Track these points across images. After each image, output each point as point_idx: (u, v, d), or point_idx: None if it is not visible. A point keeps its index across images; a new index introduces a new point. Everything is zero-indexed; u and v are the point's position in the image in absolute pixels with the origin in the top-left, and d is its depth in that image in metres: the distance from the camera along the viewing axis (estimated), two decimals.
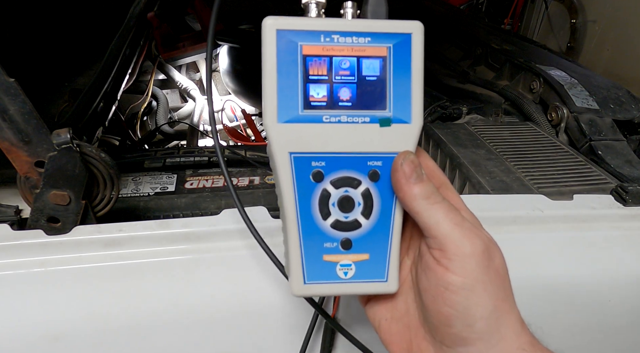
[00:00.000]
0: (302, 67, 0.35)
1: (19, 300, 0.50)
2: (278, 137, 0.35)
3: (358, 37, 0.35)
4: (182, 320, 0.52)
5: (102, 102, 0.84)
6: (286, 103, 0.35)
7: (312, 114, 0.35)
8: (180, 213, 0.70)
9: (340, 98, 0.35)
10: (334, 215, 0.37)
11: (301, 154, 0.36)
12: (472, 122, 1.03)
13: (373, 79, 0.35)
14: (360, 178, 0.37)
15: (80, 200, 0.54)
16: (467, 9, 2.80)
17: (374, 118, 0.36)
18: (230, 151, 0.84)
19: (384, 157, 0.37)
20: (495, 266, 0.35)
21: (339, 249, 0.37)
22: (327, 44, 0.35)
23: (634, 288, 0.61)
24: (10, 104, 0.49)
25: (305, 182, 0.36)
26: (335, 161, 0.36)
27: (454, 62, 1.34)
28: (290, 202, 0.36)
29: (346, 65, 0.35)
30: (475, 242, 0.34)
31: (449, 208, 0.35)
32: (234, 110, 1.79)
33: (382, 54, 0.35)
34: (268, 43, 0.34)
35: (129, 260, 0.53)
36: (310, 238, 0.37)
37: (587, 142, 0.87)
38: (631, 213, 0.65)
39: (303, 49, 0.34)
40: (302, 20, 0.35)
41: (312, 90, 0.35)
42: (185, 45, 1.62)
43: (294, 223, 0.36)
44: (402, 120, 0.36)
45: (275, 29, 0.34)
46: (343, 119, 0.35)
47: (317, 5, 0.36)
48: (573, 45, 2.51)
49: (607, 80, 1.06)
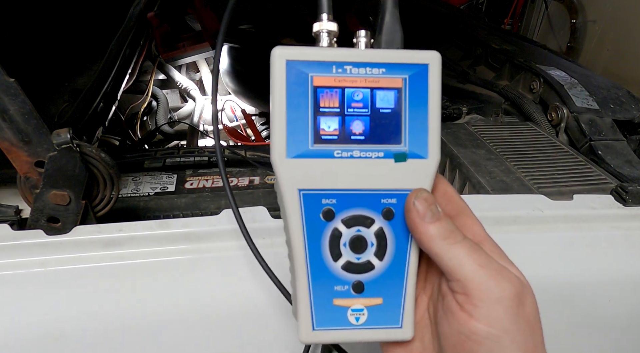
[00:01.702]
0: (313, 99, 0.33)
1: (19, 300, 0.50)
2: (287, 174, 0.33)
3: (372, 68, 0.33)
4: (182, 320, 0.52)
5: (102, 102, 0.84)
6: (295, 137, 0.33)
7: (323, 148, 0.33)
8: (180, 213, 0.70)
9: (352, 131, 0.33)
10: (345, 256, 0.35)
11: (311, 191, 0.34)
12: (472, 122, 1.03)
13: (387, 111, 0.34)
14: (374, 216, 0.34)
15: (80, 200, 0.54)
16: (467, 9, 2.80)
17: (389, 153, 0.34)
18: (230, 151, 0.84)
19: (398, 194, 0.34)
20: (526, 313, 0.31)
21: (351, 293, 0.35)
22: (339, 75, 0.33)
23: (634, 288, 0.61)
24: (10, 104, 0.49)
25: (315, 220, 0.34)
26: (347, 199, 0.34)
27: (454, 62, 1.34)
28: (298, 242, 0.34)
29: (359, 97, 0.33)
30: (504, 285, 0.31)
31: (472, 248, 0.32)
32: (234, 110, 1.79)
33: (397, 86, 0.33)
34: (277, 74, 0.32)
35: (129, 260, 0.53)
36: (319, 281, 0.34)
37: (587, 142, 0.87)
38: (631, 213, 0.65)
39: (314, 80, 0.33)
40: (313, 50, 0.33)
41: (323, 123, 0.33)
42: (185, 45, 1.62)
43: (303, 265, 0.34)
44: (418, 155, 0.34)
45: (284, 60, 0.32)
46: (355, 153, 0.33)
47: (329, 34, 0.35)
48: (573, 45, 2.51)
49: (607, 80, 1.06)
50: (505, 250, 0.35)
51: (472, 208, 0.37)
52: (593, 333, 0.63)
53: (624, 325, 0.63)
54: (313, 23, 0.35)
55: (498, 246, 0.35)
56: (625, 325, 0.63)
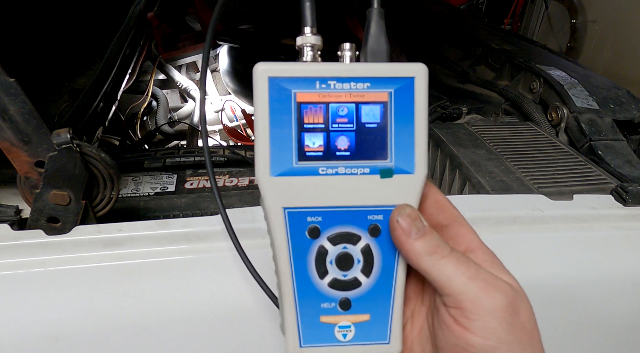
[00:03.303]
0: (297, 115, 0.32)
1: (19, 300, 0.50)
2: (271, 192, 0.33)
3: (357, 83, 0.32)
4: (182, 320, 0.52)
5: (102, 102, 0.84)
6: (279, 155, 0.32)
7: (308, 165, 0.33)
8: (180, 213, 0.70)
9: (337, 147, 0.33)
10: (331, 273, 0.34)
11: (296, 209, 0.33)
12: (472, 122, 1.03)
13: (373, 126, 0.33)
14: (360, 233, 0.34)
15: (80, 200, 0.54)
16: (467, 9, 2.80)
17: (375, 169, 0.33)
18: (230, 151, 0.84)
19: (385, 211, 0.34)
20: (521, 321, 0.31)
21: (337, 310, 0.35)
22: (323, 91, 0.32)
23: (634, 288, 0.61)
24: (10, 104, 0.49)
25: (301, 238, 0.34)
26: (333, 216, 0.34)
27: (454, 62, 1.34)
28: (284, 260, 0.34)
29: (344, 112, 0.33)
30: (495, 296, 0.30)
31: (459, 261, 0.31)
32: (234, 110, 1.79)
33: (382, 100, 0.33)
34: (260, 91, 0.32)
35: (129, 260, 0.53)
36: (306, 299, 0.34)
37: (587, 142, 0.87)
38: (631, 213, 0.65)
39: (297, 97, 0.32)
40: (296, 65, 0.32)
41: (308, 139, 0.32)
42: (185, 45, 1.62)
43: (289, 282, 0.34)
44: (405, 171, 0.33)
45: (267, 76, 0.32)
46: (341, 170, 0.33)
47: (313, 48, 0.34)
48: (573, 45, 2.51)
49: (607, 80, 1.06)
50: (505, 250, 0.35)
51: (472, 209, 0.37)
52: (593, 333, 0.63)
53: (624, 325, 0.63)
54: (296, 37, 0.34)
55: (491, 253, 0.34)
56: (625, 325, 0.63)
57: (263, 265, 0.53)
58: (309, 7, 0.34)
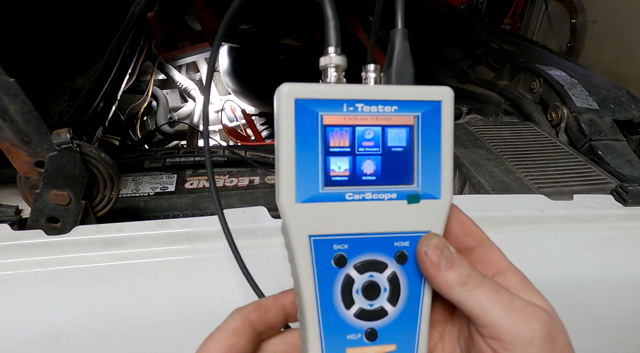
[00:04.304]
0: (323, 138, 0.31)
1: (19, 300, 0.50)
2: (296, 219, 0.31)
3: (384, 106, 0.31)
4: (182, 320, 0.52)
5: (102, 102, 0.84)
6: (305, 180, 0.31)
7: (334, 191, 0.31)
8: (180, 213, 0.70)
9: (363, 171, 0.32)
10: (357, 303, 0.33)
11: (322, 236, 0.32)
12: (472, 122, 1.03)
13: (399, 150, 0.32)
14: (387, 261, 0.33)
15: (80, 200, 0.54)
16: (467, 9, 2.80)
17: (402, 194, 0.32)
18: (230, 151, 0.84)
19: (411, 237, 0.33)
20: (559, 348, 0.31)
21: (363, 341, 0.33)
22: (350, 114, 0.31)
23: (634, 288, 0.61)
24: (10, 104, 0.49)
25: (327, 267, 0.32)
26: (359, 243, 0.32)
27: (454, 62, 1.34)
28: (309, 291, 0.32)
29: (370, 136, 0.31)
30: (533, 325, 0.30)
31: (493, 290, 0.31)
32: (234, 110, 1.79)
33: (409, 123, 0.32)
34: (285, 113, 0.30)
35: (129, 260, 0.53)
36: (332, 331, 0.33)
37: (587, 142, 0.87)
38: (631, 213, 0.65)
39: (324, 119, 0.31)
40: (322, 87, 0.31)
41: (333, 163, 0.31)
42: (185, 45, 1.62)
43: (314, 315, 0.32)
44: (432, 196, 0.33)
45: (293, 98, 0.30)
46: (367, 196, 0.32)
47: (337, 69, 0.32)
48: (573, 45, 2.51)
49: (607, 80, 1.06)
50: (506, 250, 0.35)
51: (472, 209, 0.36)
52: (593, 333, 0.63)
53: (624, 325, 0.63)
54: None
55: (521, 274, 0.34)
56: (625, 325, 0.63)
57: (263, 266, 0.53)
58: (334, 27, 0.33)
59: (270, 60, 1.60)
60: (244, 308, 0.35)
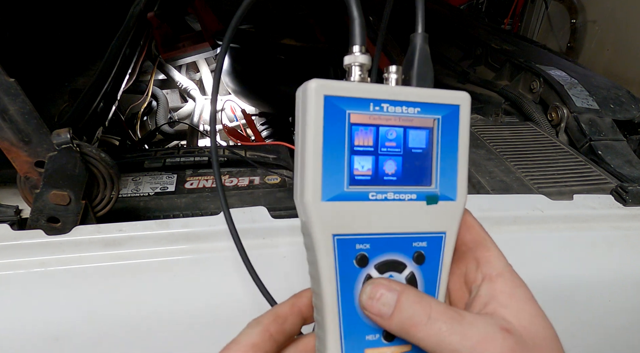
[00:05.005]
0: (349, 137, 0.31)
1: (19, 300, 0.50)
2: (321, 218, 0.31)
3: (408, 107, 0.32)
4: (182, 320, 0.52)
5: (102, 102, 0.84)
6: (331, 178, 0.31)
7: (358, 190, 0.31)
8: (180, 213, 0.70)
9: (385, 171, 0.32)
10: None
11: (346, 236, 0.32)
12: (472, 122, 1.03)
13: (419, 151, 0.32)
14: (405, 261, 0.33)
15: (80, 200, 0.54)
16: (467, 9, 2.80)
17: (421, 195, 0.33)
18: (230, 151, 0.84)
19: (429, 238, 0.33)
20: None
21: (382, 341, 0.33)
22: (375, 113, 0.31)
23: (634, 288, 0.61)
24: (10, 104, 0.49)
25: (349, 267, 0.32)
26: (381, 243, 0.33)
27: (454, 62, 1.34)
28: (331, 291, 0.32)
29: (393, 136, 0.32)
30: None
31: (449, 317, 0.29)
32: (234, 110, 1.79)
33: (429, 125, 0.32)
34: (313, 109, 0.30)
35: (129, 260, 0.53)
36: (352, 332, 0.32)
37: (587, 142, 0.87)
38: (631, 213, 0.65)
39: (351, 117, 0.31)
40: (351, 85, 0.31)
41: (357, 162, 0.31)
42: (185, 45, 1.62)
43: (334, 316, 0.32)
44: (448, 197, 0.33)
45: (322, 94, 0.30)
46: (390, 196, 0.32)
47: (361, 68, 0.33)
48: (573, 45, 2.52)
49: (607, 80, 1.06)
50: (506, 250, 0.34)
51: (472, 209, 0.36)
52: (593, 333, 0.63)
53: (624, 325, 0.63)
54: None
55: (515, 281, 0.33)
56: (625, 325, 0.63)
57: (263, 266, 0.53)
58: (359, 25, 0.33)
59: (270, 60, 1.60)
60: (262, 320, 0.35)
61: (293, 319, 0.35)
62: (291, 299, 0.35)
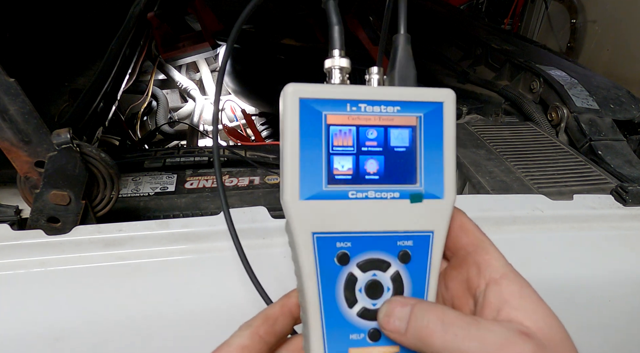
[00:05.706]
0: (326, 137, 0.31)
1: (19, 300, 0.50)
2: (300, 216, 0.32)
3: (387, 106, 0.32)
4: (182, 320, 0.52)
5: (102, 102, 0.84)
6: (308, 178, 0.31)
7: (337, 189, 0.32)
8: (180, 213, 0.70)
9: (367, 171, 0.32)
10: (360, 302, 0.33)
11: (325, 234, 0.32)
12: (472, 122, 1.03)
13: (402, 150, 0.32)
14: (390, 260, 0.33)
15: (80, 200, 0.54)
16: (467, 9, 2.80)
17: (404, 193, 0.33)
18: (230, 151, 0.84)
19: (415, 236, 0.33)
20: None
21: (366, 341, 0.33)
22: (353, 114, 0.32)
23: (634, 288, 0.61)
24: (10, 104, 0.49)
25: (330, 265, 0.32)
26: (363, 241, 0.33)
27: (454, 62, 1.34)
28: (312, 289, 0.32)
29: (373, 136, 0.32)
30: None
31: (465, 323, 0.29)
32: (234, 110, 1.79)
33: (411, 124, 0.32)
34: (289, 112, 0.31)
35: (129, 260, 0.53)
36: (334, 331, 0.33)
37: (587, 142, 0.87)
38: (631, 213, 0.65)
39: (327, 119, 0.31)
40: (327, 87, 0.32)
41: (337, 162, 0.32)
42: (185, 45, 1.62)
43: (317, 313, 0.32)
44: (434, 196, 0.33)
45: (298, 97, 0.31)
46: (370, 194, 0.32)
47: (341, 71, 0.34)
48: (573, 45, 2.52)
49: (607, 80, 1.06)
50: (505, 250, 0.34)
51: (472, 209, 0.36)
52: (593, 333, 0.63)
53: (624, 325, 0.63)
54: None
55: (520, 281, 0.32)
56: (625, 325, 0.63)
57: (263, 266, 0.53)
58: (338, 31, 0.34)
59: (270, 60, 1.60)
60: (252, 322, 0.35)
61: (283, 320, 0.35)
62: (281, 300, 0.36)
